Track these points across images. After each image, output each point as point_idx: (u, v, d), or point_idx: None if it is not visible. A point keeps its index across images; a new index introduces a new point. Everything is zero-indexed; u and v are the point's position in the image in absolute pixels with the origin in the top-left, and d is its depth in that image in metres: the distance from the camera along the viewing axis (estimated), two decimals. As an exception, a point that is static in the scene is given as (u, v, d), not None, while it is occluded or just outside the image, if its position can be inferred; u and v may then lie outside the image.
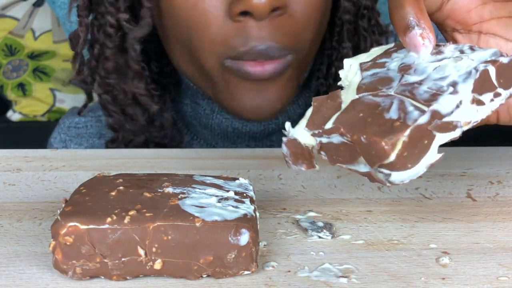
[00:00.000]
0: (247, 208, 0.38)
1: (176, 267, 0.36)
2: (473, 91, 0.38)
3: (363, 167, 0.38)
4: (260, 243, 0.41)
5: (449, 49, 0.41)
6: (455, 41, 0.47)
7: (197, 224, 0.36)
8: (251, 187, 0.42)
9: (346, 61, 0.44)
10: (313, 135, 0.40)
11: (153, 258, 0.36)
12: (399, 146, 0.36)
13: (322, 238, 0.43)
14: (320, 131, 0.39)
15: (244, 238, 0.36)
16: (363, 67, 0.43)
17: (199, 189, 0.40)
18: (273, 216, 0.46)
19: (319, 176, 0.54)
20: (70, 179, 0.54)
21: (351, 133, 0.37)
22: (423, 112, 0.37)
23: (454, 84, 0.38)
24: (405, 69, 0.41)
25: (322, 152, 0.40)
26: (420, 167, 0.37)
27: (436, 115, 0.37)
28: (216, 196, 0.39)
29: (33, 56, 1.46)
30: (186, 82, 0.72)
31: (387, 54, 0.43)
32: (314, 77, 0.73)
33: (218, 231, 0.36)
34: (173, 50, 0.66)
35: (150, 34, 0.69)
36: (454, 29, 0.46)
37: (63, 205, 0.38)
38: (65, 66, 1.44)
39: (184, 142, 0.74)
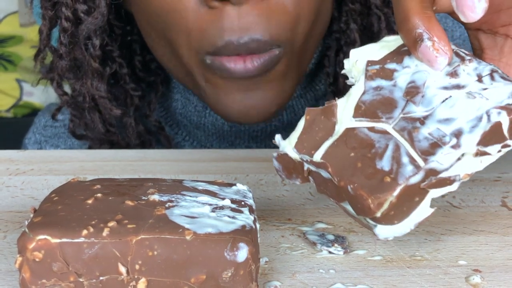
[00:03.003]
0: (245, 218, 0.38)
1: (163, 287, 0.36)
2: (479, 143, 0.39)
3: (350, 208, 0.41)
4: (261, 260, 0.41)
5: (467, 71, 0.41)
6: (477, 41, 0.47)
7: (188, 238, 0.36)
8: (250, 194, 0.42)
9: (353, 53, 0.44)
10: (302, 159, 0.42)
11: (136, 277, 0.36)
12: (385, 206, 0.38)
13: (333, 253, 0.43)
14: (309, 159, 0.41)
15: (242, 253, 0.36)
16: (369, 71, 0.43)
17: (190, 196, 0.40)
18: (276, 228, 0.46)
19: (329, 181, 0.54)
20: (39, 184, 0.54)
21: (339, 177, 0.39)
22: (417, 168, 0.38)
23: (458, 134, 0.39)
24: (412, 92, 0.41)
25: (310, 177, 0.42)
26: (408, 224, 0.39)
27: (431, 173, 0.38)
28: (210, 204, 0.39)
29: (-3, 41, 1.46)
30: None
31: (398, 55, 0.43)
32: (322, 66, 0.73)
33: (211, 246, 0.36)
34: (153, 43, 0.66)
35: (132, 26, 0.69)
36: (479, 28, 0.46)
37: (32, 215, 0.38)
38: (34, 53, 1.44)
39: (173, 144, 0.75)
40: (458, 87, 0.41)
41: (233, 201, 0.40)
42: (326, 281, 0.40)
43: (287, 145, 0.42)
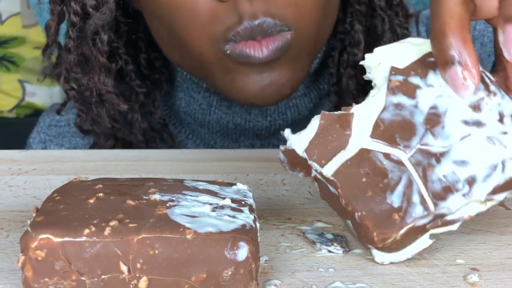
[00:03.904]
0: (245, 218, 0.38)
1: (164, 286, 0.36)
2: (490, 193, 0.40)
3: (350, 225, 0.41)
4: (261, 258, 0.41)
5: (490, 105, 0.41)
6: None
7: (188, 237, 0.36)
8: (250, 194, 0.42)
9: (377, 53, 0.43)
10: (311, 165, 0.42)
11: (137, 275, 0.36)
12: (389, 241, 0.39)
13: (332, 252, 0.43)
14: (319, 170, 0.41)
15: (243, 252, 0.36)
16: (391, 82, 0.42)
17: (191, 196, 0.40)
18: (276, 227, 0.46)
19: (328, 181, 0.54)
20: (41, 184, 0.54)
21: (347, 201, 0.40)
22: (427, 211, 0.39)
23: (471, 182, 0.39)
24: (432, 121, 0.41)
25: (316, 183, 0.43)
26: (406, 253, 0.41)
27: (439, 216, 0.39)
28: (210, 204, 0.39)
29: (-1, 42, 1.46)
30: (182, 74, 0.72)
31: (424, 67, 0.42)
32: (325, 66, 0.73)
33: (212, 245, 0.36)
34: (162, 38, 0.66)
35: (138, 23, 0.69)
36: None
37: (34, 215, 0.38)
38: (36, 54, 1.44)
39: (177, 142, 0.75)
40: (478, 124, 0.40)
41: (233, 200, 0.40)
42: (326, 280, 0.40)
43: (296, 142, 0.42)
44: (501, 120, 0.41)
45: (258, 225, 0.39)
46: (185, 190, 0.41)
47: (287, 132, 0.43)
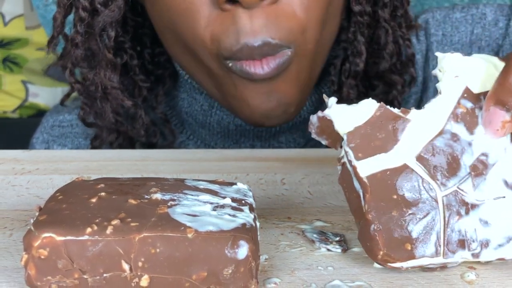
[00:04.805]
0: (246, 217, 0.38)
1: (165, 284, 0.36)
2: (492, 260, 0.40)
3: (359, 227, 0.40)
4: (261, 257, 0.41)
5: None
6: None
7: (189, 235, 0.36)
8: (250, 193, 0.42)
9: (455, 62, 0.41)
10: (345, 150, 0.39)
11: (139, 273, 0.36)
12: (391, 264, 0.39)
13: (331, 251, 0.43)
14: (353, 162, 0.39)
15: (243, 251, 0.36)
16: (460, 106, 0.40)
17: (192, 195, 0.40)
18: (276, 226, 0.46)
19: (327, 181, 0.54)
20: (44, 184, 0.54)
21: (370, 209, 0.38)
22: (436, 256, 0.39)
23: (484, 245, 0.39)
24: (478, 170, 0.40)
25: (339, 167, 0.41)
26: (401, 265, 0.40)
27: (442, 264, 0.39)
28: (211, 203, 0.40)
29: (3, 44, 1.46)
30: (184, 74, 0.72)
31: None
32: (327, 73, 0.73)
33: (213, 243, 0.36)
34: (169, 45, 0.66)
35: (143, 19, 0.69)
36: None
37: (37, 214, 0.38)
38: (39, 55, 1.44)
39: (178, 142, 0.75)
40: None
41: (233, 199, 0.40)
42: (325, 278, 0.40)
43: (338, 115, 0.40)
44: None
45: (258, 224, 0.39)
46: (186, 189, 0.41)
47: (331, 100, 0.40)
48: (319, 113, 0.40)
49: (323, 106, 0.73)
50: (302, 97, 0.65)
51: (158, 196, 0.40)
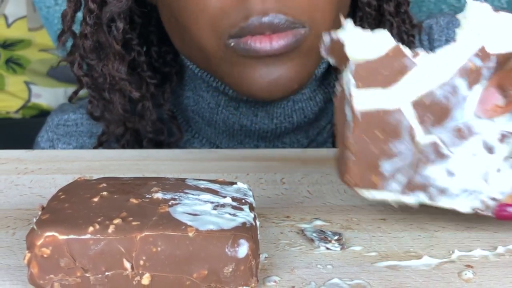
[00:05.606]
0: (246, 216, 0.38)
1: (166, 282, 0.36)
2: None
3: (338, 152, 0.43)
4: (261, 256, 0.41)
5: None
6: None
7: (190, 234, 0.36)
8: (250, 193, 0.43)
9: (480, 12, 0.40)
10: (349, 76, 0.39)
11: (140, 272, 0.36)
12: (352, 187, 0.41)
13: (330, 249, 0.43)
14: (352, 91, 0.40)
15: (243, 249, 0.36)
16: (470, 62, 0.40)
17: (192, 194, 0.40)
18: (275, 225, 0.47)
19: (326, 180, 0.54)
20: (47, 183, 0.54)
21: (354, 142, 0.40)
22: (393, 193, 0.41)
23: (442, 192, 0.41)
24: (462, 133, 0.40)
25: (339, 88, 0.42)
26: (391, 195, 0.42)
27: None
28: (211, 202, 0.40)
29: (6, 45, 1.46)
30: (190, 72, 0.72)
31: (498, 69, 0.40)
32: (332, 70, 0.73)
33: (213, 242, 0.36)
34: (172, 30, 0.67)
35: (151, 17, 0.70)
36: None
37: (40, 213, 0.38)
38: (41, 56, 1.44)
39: (183, 140, 0.75)
40: (490, 150, 0.41)
41: (234, 199, 0.40)
42: (324, 276, 0.40)
43: (350, 41, 0.39)
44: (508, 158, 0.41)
45: (258, 223, 0.39)
46: (187, 189, 0.41)
47: (349, 24, 0.40)
48: (333, 34, 0.41)
49: (328, 106, 0.73)
50: (307, 74, 0.63)
51: (159, 195, 0.40)
